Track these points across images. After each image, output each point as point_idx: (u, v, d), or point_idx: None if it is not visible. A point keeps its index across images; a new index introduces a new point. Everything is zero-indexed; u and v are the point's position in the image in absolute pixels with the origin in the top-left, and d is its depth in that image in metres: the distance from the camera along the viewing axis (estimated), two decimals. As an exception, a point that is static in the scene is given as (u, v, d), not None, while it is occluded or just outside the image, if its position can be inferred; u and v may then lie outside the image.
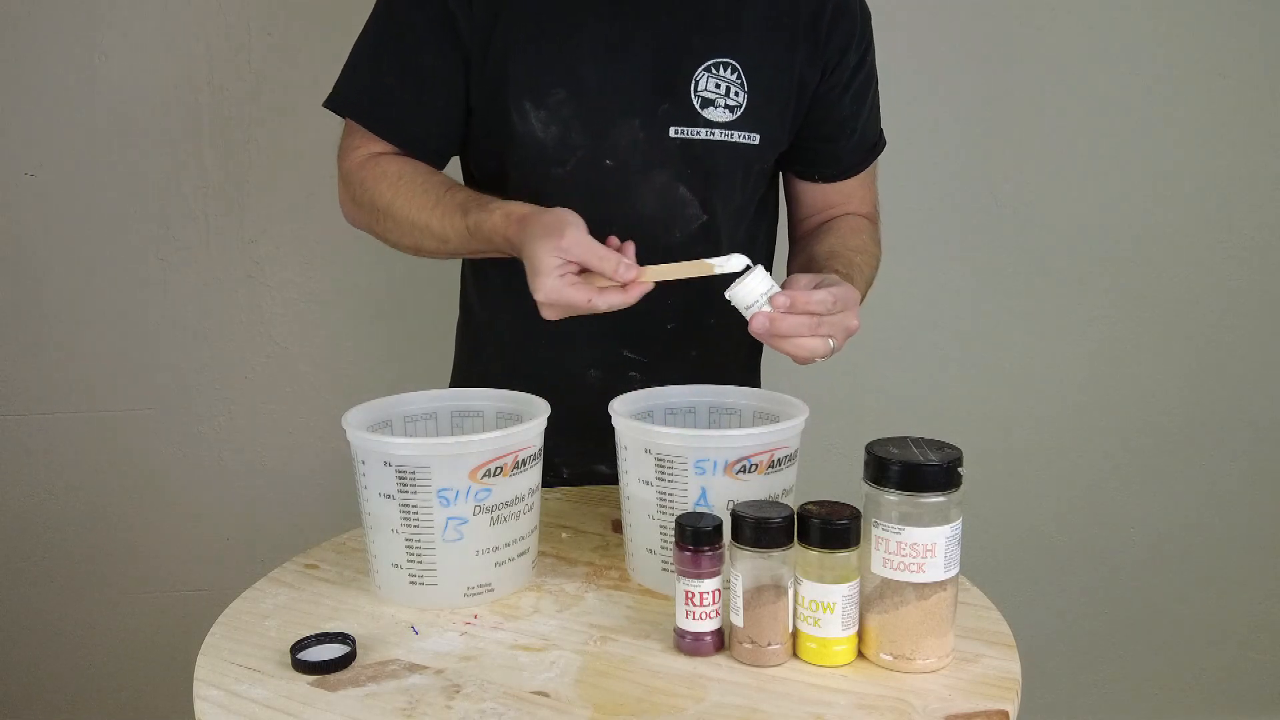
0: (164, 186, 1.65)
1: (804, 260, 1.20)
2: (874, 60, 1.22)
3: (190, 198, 1.66)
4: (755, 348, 1.30)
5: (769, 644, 0.80)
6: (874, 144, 1.27)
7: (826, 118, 1.20)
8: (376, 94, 1.14)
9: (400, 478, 0.87)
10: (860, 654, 0.82)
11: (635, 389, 1.05)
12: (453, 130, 1.16)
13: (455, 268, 1.31)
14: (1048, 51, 1.75)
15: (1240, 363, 1.90)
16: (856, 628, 0.81)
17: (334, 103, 1.15)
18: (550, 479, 1.07)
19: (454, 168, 1.21)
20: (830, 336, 0.97)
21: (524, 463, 0.91)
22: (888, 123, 1.27)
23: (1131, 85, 1.78)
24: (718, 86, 1.12)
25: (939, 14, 1.73)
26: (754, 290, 0.95)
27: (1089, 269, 1.84)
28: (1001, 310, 1.84)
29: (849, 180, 1.25)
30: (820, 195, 1.26)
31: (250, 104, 1.64)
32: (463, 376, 1.30)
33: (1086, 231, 1.82)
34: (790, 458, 0.92)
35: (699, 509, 0.88)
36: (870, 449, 0.80)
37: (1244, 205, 1.84)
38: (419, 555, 0.89)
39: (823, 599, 0.79)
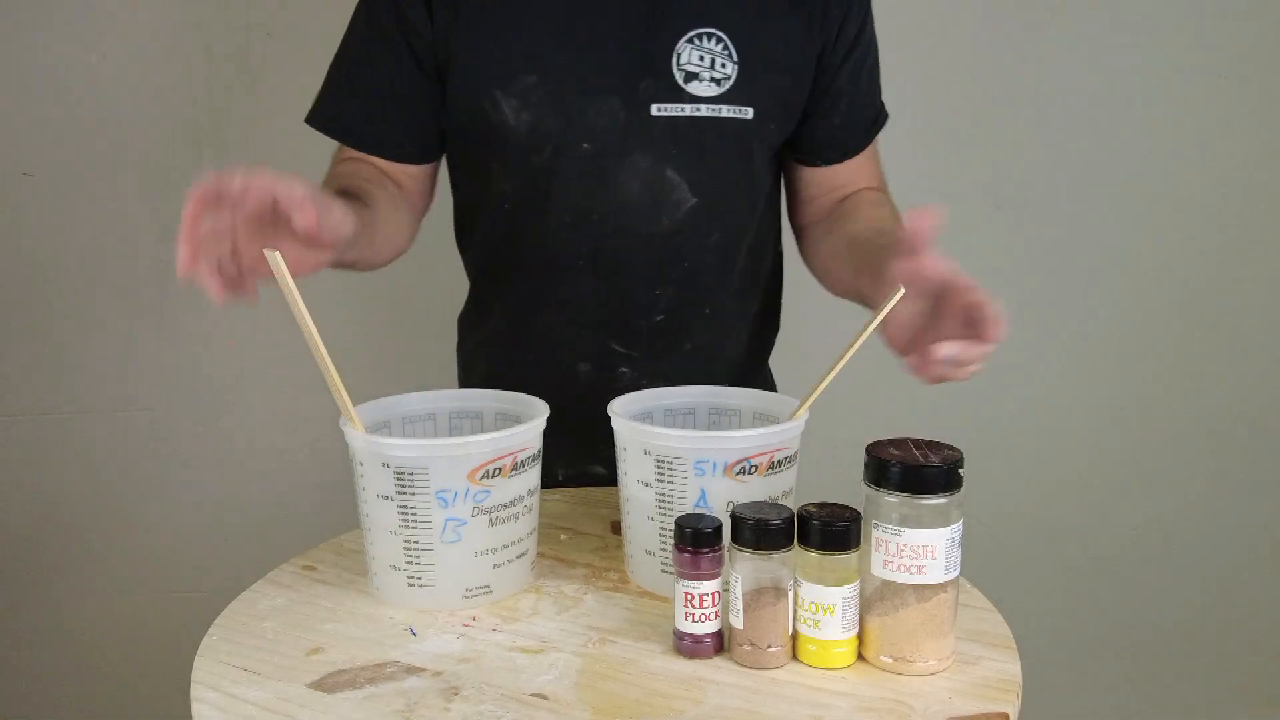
0: (164, 186, 1.65)
1: (839, 244, 1.13)
2: (873, 30, 1.16)
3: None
4: (763, 341, 1.26)
5: (768, 646, 0.80)
6: (875, 118, 1.20)
7: (826, 91, 1.14)
8: (342, 109, 1.16)
9: (398, 479, 0.87)
10: (860, 656, 0.81)
11: (626, 384, 1.03)
12: (421, 135, 1.16)
13: (457, 268, 1.30)
14: (1047, 51, 1.75)
15: (1241, 362, 1.89)
16: (856, 630, 0.81)
17: (310, 118, 1.19)
18: (545, 482, 1.07)
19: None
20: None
21: (523, 464, 0.91)
22: (889, 121, 1.26)
23: (1131, 84, 1.77)
24: (702, 59, 1.06)
25: (939, 13, 1.72)
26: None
27: (1090, 269, 1.84)
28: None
29: (855, 158, 1.19)
30: (829, 174, 1.19)
31: (250, 104, 1.64)
32: (460, 367, 1.30)
33: (1086, 231, 1.82)
34: (790, 459, 0.92)
35: (698, 510, 0.88)
36: (870, 450, 0.80)
37: (1242, 204, 1.83)
38: (417, 556, 0.89)
39: (823, 601, 0.79)
